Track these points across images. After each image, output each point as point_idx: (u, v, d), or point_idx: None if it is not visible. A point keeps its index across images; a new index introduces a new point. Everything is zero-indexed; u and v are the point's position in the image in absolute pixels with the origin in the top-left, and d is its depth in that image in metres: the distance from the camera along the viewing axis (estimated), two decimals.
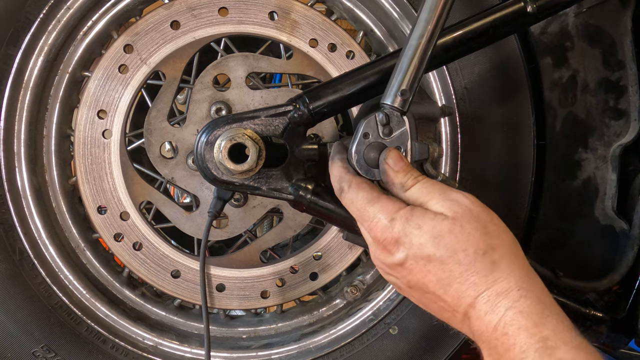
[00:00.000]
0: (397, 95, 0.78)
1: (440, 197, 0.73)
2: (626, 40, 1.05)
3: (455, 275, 0.69)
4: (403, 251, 0.72)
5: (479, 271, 0.68)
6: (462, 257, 0.69)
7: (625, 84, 1.07)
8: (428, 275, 0.71)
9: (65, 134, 1.14)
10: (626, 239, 1.07)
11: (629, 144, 1.08)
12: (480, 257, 0.69)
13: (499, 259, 0.69)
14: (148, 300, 1.18)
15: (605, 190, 1.10)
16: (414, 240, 0.71)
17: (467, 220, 0.70)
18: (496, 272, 0.68)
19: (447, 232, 0.70)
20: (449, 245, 0.69)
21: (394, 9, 1.09)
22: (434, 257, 0.70)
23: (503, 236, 0.71)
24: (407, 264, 0.72)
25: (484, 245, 0.69)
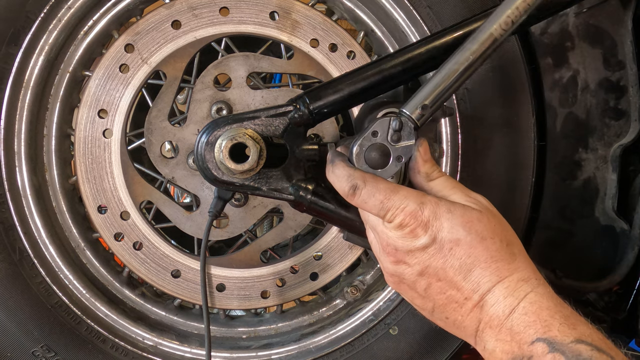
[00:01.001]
0: (418, 108, 0.79)
1: (462, 193, 0.76)
2: (626, 41, 1.05)
3: (481, 260, 0.72)
4: (431, 234, 0.73)
5: (504, 258, 0.72)
6: (491, 243, 0.72)
7: (625, 84, 1.07)
8: (451, 259, 0.72)
9: (65, 133, 1.14)
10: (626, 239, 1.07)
11: (629, 144, 1.08)
12: (505, 247, 0.73)
13: (518, 253, 0.74)
14: (148, 300, 1.18)
15: (606, 191, 1.10)
16: (444, 223, 0.73)
17: (491, 215, 0.74)
18: (517, 262, 0.72)
19: (477, 219, 0.73)
20: (479, 231, 0.72)
21: (395, 9, 1.09)
22: (464, 240, 0.72)
23: (517, 238, 0.77)
24: (430, 248, 0.73)
25: (506, 237, 0.74)
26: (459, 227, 0.72)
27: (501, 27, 0.78)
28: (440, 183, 0.78)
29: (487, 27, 0.79)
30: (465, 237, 0.72)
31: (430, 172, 0.79)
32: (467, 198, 0.76)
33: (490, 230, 0.73)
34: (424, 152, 0.79)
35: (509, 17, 0.78)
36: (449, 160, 1.11)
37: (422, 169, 0.79)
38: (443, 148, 1.11)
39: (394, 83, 0.91)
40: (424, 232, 0.73)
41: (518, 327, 0.68)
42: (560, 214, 1.13)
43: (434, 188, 0.78)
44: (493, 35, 0.78)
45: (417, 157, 0.79)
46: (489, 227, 0.73)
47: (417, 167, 0.79)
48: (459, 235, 0.72)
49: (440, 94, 0.79)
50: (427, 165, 0.79)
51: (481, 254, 0.72)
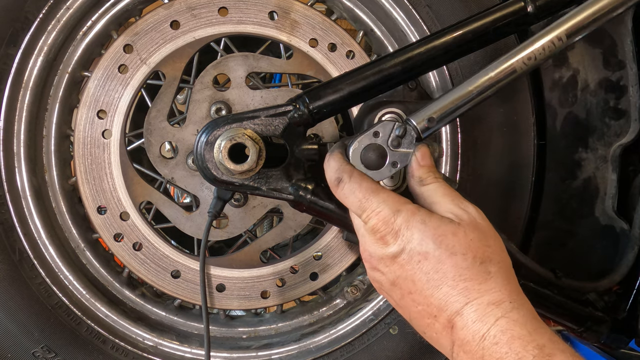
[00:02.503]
0: (425, 120, 0.79)
1: (451, 203, 0.73)
2: (626, 40, 1.05)
3: (449, 276, 0.68)
4: (400, 244, 0.71)
5: (474, 278, 0.68)
6: (460, 260, 0.69)
7: (625, 84, 1.07)
8: (419, 273, 0.70)
9: (65, 134, 1.13)
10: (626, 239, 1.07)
11: (629, 144, 1.08)
12: (478, 265, 0.69)
13: (495, 272, 0.69)
14: (148, 301, 1.18)
15: (606, 190, 1.10)
16: (415, 235, 0.70)
17: (471, 229, 0.71)
18: (490, 282, 0.68)
19: (451, 234, 0.70)
20: (450, 246, 0.69)
21: (394, 9, 1.09)
22: (432, 254, 0.69)
23: (501, 254, 0.72)
24: (400, 258, 0.71)
25: (482, 255, 0.69)
26: (429, 240, 0.70)
27: (524, 61, 0.79)
28: (431, 189, 0.76)
29: (510, 57, 0.80)
30: (434, 250, 0.69)
31: (424, 177, 0.77)
32: (454, 208, 0.73)
33: (464, 245, 0.69)
34: (422, 157, 0.78)
35: (534, 54, 0.79)
36: (449, 160, 1.11)
37: (416, 173, 0.78)
38: (443, 148, 1.10)
39: (394, 83, 0.91)
40: (394, 240, 0.72)
41: (491, 357, 0.64)
42: (560, 213, 1.12)
43: (425, 194, 0.77)
44: (513, 67, 0.79)
45: (413, 160, 0.79)
46: (463, 243, 0.69)
47: (411, 170, 0.79)
48: (427, 249, 0.70)
49: (449, 111, 0.79)
50: (422, 170, 0.78)
51: (449, 271, 0.68)
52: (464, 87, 0.80)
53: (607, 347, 1.11)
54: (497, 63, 0.80)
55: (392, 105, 0.91)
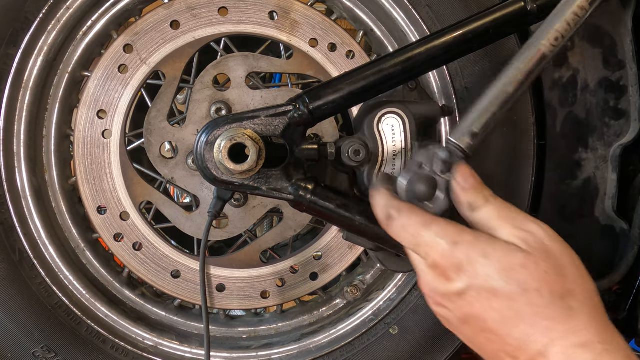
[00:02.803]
0: (466, 136, 0.72)
1: (513, 225, 0.65)
2: (626, 40, 1.05)
3: (524, 315, 0.61)
4: (464, 280, 0.63)
5: (554, 316, 0.60)
6: (535, 297, 0.61)
7: (625, 84, 1.07)
8: (490, 311, 0.62)
9: (65, 134, 1.13)
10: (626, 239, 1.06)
11: (629, 144, 1.08)
12: (557, 301, 0.61)
13: (578, 307, 0.61)
14: (148, 301, 1.18)
15: (605, 190, 1.10)
16: (479, 270, 0.62)
17: (543, 257, 0.62)
18: (574, 321, 0.60)
19: (519, 266, 0.61)
20: (521, 282, 0.61)
21: (394, 8, 1.09)
22: (502, 291, 0.61)
23: (582, 282, 0.63)
24: (467, 295, 0.64)
25: (560, 288, 0.61)
26: (495, 275, 0.62)
27: (550, 42, 0.73)
28: (486, 213, 0.67)
29: (534, 43, 0.73)
30: (503, 287, 0.61)
31: (473, 201, 0.67)
32: (517, 232, 0.64)
33: (538, 279, 0.61)
34: (463, 178, 0.69)
35: (559, 32, 0.73)
36: None
37: (462, 198, 0.68)
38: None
39: (394, 83, 0.91)
40: (456, 276, 0.64)
41: None
42: (559, 213, 1.12)
43: (480, 220, 0.67)
44: (541, 52, 0.73)
45: (455, 186, 0.69)
46: (536, 276, 0.61)
47: (457, 197, 0.69)
48: (495, 285, 0.62)
49: (490, 120, 0.72)
50: (468, 194, 0.68)
51: (524, 309, 0.61)
52: (498, 89, 0.73)
53: None
54: (523, 52, 0.73)
55: (392, 105, 0.91)
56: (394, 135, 0.91)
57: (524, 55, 0.74)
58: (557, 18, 0.74)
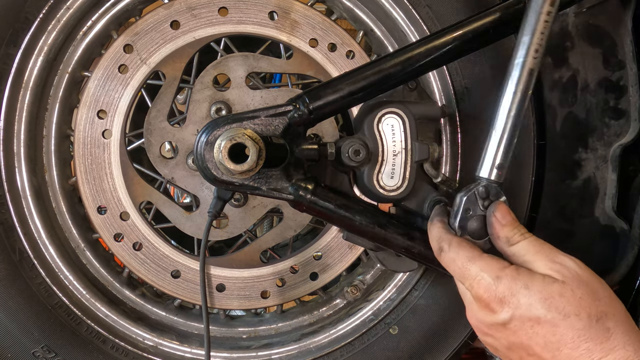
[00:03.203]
0: (494, 169, 0.78)
1: (547, 259, 0.71)
2: (626, 40, 1.05)
3: (567, 339, 0.66)
4: (508, 311, 0.70)
5: (594, 337, 0.66)
6: (576, 321, 0.66)
7: (625, 84, 1.07)
8: (535, 337, 0.68)
9: (65, 134, 1.13)
10: (626, 239, 1.06)
11: (629, 144, 1.08)
12: (595, 324, 0.66)
13: (614, 327, 0.67)
14: (148, 301, 1.18)
15: (605, 190, 1.09)
16: (521, 300, 0.69)
17: (577, 285, 0.68)
18: (612, 340, 0.66)
19: (558, 294, 0.68)
20: (561, 308, 0.67)
21: (394, 8, 1.09)
22: (544, 319, 0.67)
23: (614, 304, 0.69)
24: (511, 325, 0.70)
25: (596, 311, 0.67)
26: (537, 304, 0.68)
27: (533, 56, 0.77)
28: (522, 247, 0.73)
29: (519, 62, 0.77)
30: (545, 315, 0.67)
31: (510, 235, 0.75)
32: (552, 265, 0.70)
33: (575, 304, 0.67)
34: (501, 215, 0.76)
35: (537, 44, 0.77)
36: (449, 160, 1.11)
37: (500, 233, 0.76)
38: (443, 148, 1.10)
39: (394, 83, 0.91)
40: (500, 308, 0.70)
41: None
42: (559, 213, 1.12)
43: (516, 253, 0.74)
44: (528, 68, 0.77)
45: (494, 222, 0.76)
46: (573, 302, 0.67)
47: (495, 232, 0.76)
48: (538, 314, 0.68)
49: (508, 147, 0.78)
50: (505, 229, 0.75)
51: (566, 334, 0.66)
52: (504, 117, 0.78)
53: None
54: (513, 75, 0.78)
55: (392, 105, 0.91)
56: (394, 135, 0.91)
57: (515, 77, 0.78)
58: (529, 31, 0.77)
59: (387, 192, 0.92)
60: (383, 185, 0.92)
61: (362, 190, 0.95)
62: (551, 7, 0.77)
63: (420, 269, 1.11)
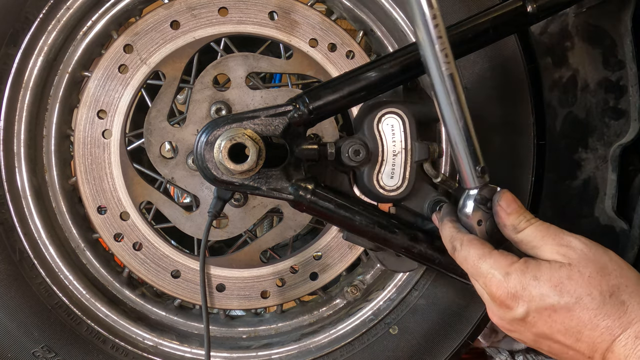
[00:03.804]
0: (476, 176, 0.79)
1: (553, 242, 0.72)
2: (626, 40, 1.05)
3: (585, 321, 0.67)
4: (522, 305, 0.70)
5: (611, 314, 0.66)
6: (589, 301, 0.67)
7: (625, 84, 1.07)
8: (554, 325, 0.69)
9: (65, 134, 1.14)
10: (626, 239, 1.06)
11: (629, 144, 1.08)
12: (608, 299, 0.67)
13: (629, 299, 0.67)
14: (148, 300, 1.18)
15: (605, 190, 1.09)
16: (533, 292, 0.69)
17: (584, 264, 0.69)
18: (629, 313, 0.66)
19: (567, 278, 0.68)
20: (572, 292, 0.68)
21: (394, 8, 1.09)
22: (558, 305, 0.68)
23: (626, 273, 0.69)
24: (529, 318, 0.71)
25: (607, 286, 0.67)
26: (549, 293, 0.68)
27: (445, 61, 0.76)
28: (529, 234, 0.74)
29: (437, 72, 0.76)
30: (558, 301, 0.68)
31: (516, 223, 0.75)
32: (558, 248, 0.71)
33: (585, 285, 0.67)
34: (506, 204, 0.76)
35: (443, 46, 0.76)
36: (449, 160, 1.11)
37: (507, 222, 0.76)
38: (442, 147, 1.10)
39: (394, 83, 0.91)
40: (515, 303, 0.71)
41: None
42: (559, 213, 1.12)
43: (524, 240, 0.74)
44: (449, 72, 0.76)
45: (499, 211, 0.77)
46: (582, 283, 0.67)
47: (502, 221, 0.77)
48: (551, 301, 0.68)
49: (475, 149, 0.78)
50: (511, 217, 0.76)
51: (583, 315, 0.67)
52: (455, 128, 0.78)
53: None
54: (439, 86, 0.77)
55: (392, 105, 0.91)
56: (394, 135, 0.91)
57: (442, 90, 0.77)
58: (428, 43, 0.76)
59: (387, 192, 0.92)
60: (383, 185, 0.92)
61: (362, 190, 0.95)
62: (433, 9, 0.77)
63: (420, 269, 1.11)
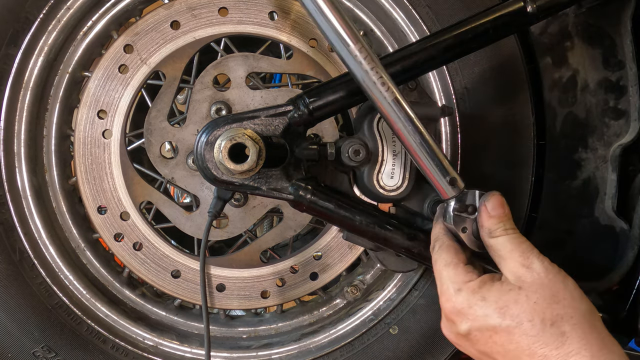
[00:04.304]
0: (449, 187, 0.80)
1: (517, 259, 0.71)
2: (626, 40, 1.05)
3: (523, 347, 0.66)
4: (466, 322, 0.71)
5: (549, 343, 0.65)
6: (529, 327, 0.66)
7: (625, 84, 1.07)
8: (494, 346, 0.69)
9: (65, 134, 1.14)
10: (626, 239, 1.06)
11: (629, 144, 1.08)
12: (549, 328, 0.66)
13: (570, 330, 0.66)
14: (148, 300, 1.18)
15: (605, 190, 1.09)
16: (478, 312, 0.70)
17: (534, 289, 0.68)
18: (567, 345, 0.65)
19: (513, 302, 0.68)
20: (515, 316, 0.67)
21: (394, 9, 1.09)
22: (500, 327, 0.68)
23: (576, 305, 0.68)
24: (471, 336, 0.71)
25: (551, 315, 0.67)
26: (493, 315, 0.69)
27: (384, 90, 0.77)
28: (500, 243, 0.73)
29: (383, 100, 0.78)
30: (500, 323, 0.68)
31: (493, 229, 0.74)
32: (518, 267, 0.70)
33: (529, 311, 0.67)
34: (492, 207, 0.76)
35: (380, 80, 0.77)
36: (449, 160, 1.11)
37: (485, 223, 0.75)
38: (442, 148, 1.10)
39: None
40: (459, 319, 0.72)
41: None
42: (559, 213, 1.12)
43: (494, 247, 0.74)
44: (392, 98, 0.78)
45: (482, 211, 0.76)
46: (527, 308, 0.67)
47: (481, 220, 0.76)
48: (494, 323, 0.68)
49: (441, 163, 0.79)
50: (490, 220, 0.75)
51: (522, 341, 0.66)
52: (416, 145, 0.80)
53: None
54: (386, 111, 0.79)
55: None
56: (393, 135, 0.91)
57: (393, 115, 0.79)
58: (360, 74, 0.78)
59: (387, 192, 0.93)
60: (383, 185, 0.92)
61: (362, 190, 0.95)
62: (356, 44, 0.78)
63: (420, 269, 1.11)
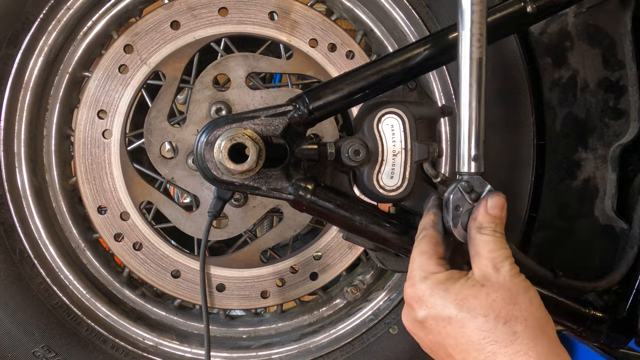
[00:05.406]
0: (471, 161, 0.78)
1: (492, 259, 0.71)
2: (626, 40, 1.05)
3: (474, 341, 0.67)
4: (424, 310, 0.71)
5: (499, 340, 0.66)
6: (482, 322, 0.67)
7: (625, 84, 1.07)
8: (447, 337, 0.70)
9: (65, 134, 1.14)
10: (626, 239, 1.06)
11: (628, 144, 1.08)
12: (501, 326, 0.67)
13: (522, 331, 0.67)
14: (148, 300, 1.18)
15: (605, 190, 1.09)
16: (437, 301, 0.70)
17: (495, 289, 0.69)
18: (517, 345, 0.66)
19: (472, 296, 0.69)
20: (471, 309, 0.68)
21: (394, 9, 1.09)
22: (455, 319, 0.69)
23: (533, 311, 0.69)
24: (427, 323, 0.72)
25: (506, 314, 0.67)
26: (451, 305, 0.69)
27: (476, 46, 0.77)
28: (484, 240, 0.73)
29: (465, 55, 0.77)
30: (456, 314, 0.68)
31: (484, 225, 0.74)
32: (487, 267, 0.71)
33: (485, 307, 0.67)
34: (492, 206, 0.74)
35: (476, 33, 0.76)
36: (448, 160, 1.11)
37: (479, 217, 0.74)
38: (442, 148, 1.10)
39: (393, 83, 0.91)
40: (418, 306, 0.72)
41: None
42: (559, 213, 1.12)
43: (476, 241, 0.74)
44: (476, 58, 0.77)
45: (481, 204, 0.75)
46: (484, 304, 0.68)
47: (476, 213, 0.75)
48: (450, 313, 0.69)
49: (478, 137, 0.78)
50: (485, 217, 0.74)
51: (472, 334, 0.67)
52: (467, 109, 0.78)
53: (607, 346, 1.11)
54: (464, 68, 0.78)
55: (392, 105, 0.91)
56: (393, 135, 0.91)
57: (466, 70, 0.78)
58: (467, 23, 0.77)
59: (387, 192, 0.92)
60: (383, 185, 0.92)
61: (362, 190, 0.95)
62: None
63: None
